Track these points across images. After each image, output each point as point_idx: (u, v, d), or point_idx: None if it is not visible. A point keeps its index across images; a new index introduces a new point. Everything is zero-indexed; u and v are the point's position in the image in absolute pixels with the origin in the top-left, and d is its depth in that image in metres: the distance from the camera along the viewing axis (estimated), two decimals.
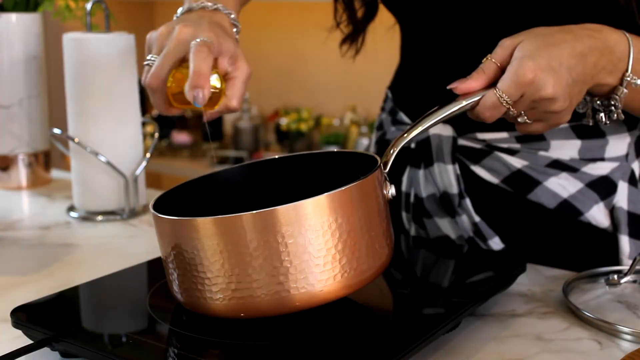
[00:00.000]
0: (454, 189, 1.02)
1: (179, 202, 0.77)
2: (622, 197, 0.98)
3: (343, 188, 0.68)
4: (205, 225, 0.66)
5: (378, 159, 0.74)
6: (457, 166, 1.02)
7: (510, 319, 0.80)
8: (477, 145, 1.00)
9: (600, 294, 0.85)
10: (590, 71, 0.79)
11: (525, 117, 0.80)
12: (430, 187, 1.04)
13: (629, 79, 0.81)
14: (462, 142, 1.01)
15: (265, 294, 0.66)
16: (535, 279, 0.91)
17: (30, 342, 0.70)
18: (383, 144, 1.14)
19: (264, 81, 3.12)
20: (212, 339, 0.68)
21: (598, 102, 0.85)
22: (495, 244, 1.01)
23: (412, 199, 1.07)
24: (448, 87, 0.79)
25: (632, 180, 0.99)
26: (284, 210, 0.65)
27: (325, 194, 0.67)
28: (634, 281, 0.86)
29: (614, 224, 0.98)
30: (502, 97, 0.77)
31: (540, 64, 0.76)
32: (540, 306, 0.83)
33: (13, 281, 0.91)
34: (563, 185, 0.98)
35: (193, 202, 0.79)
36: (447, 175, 1.02)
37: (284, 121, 2.96)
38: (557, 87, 0.76)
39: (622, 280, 0.85)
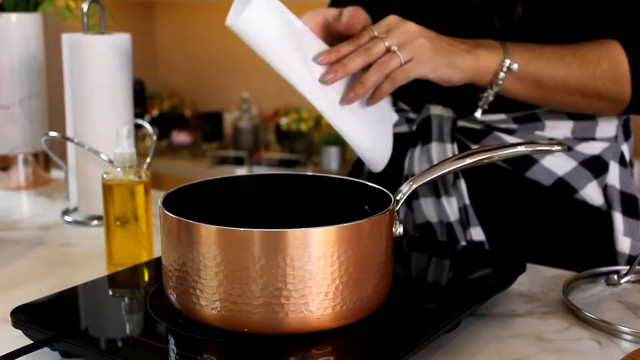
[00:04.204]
0: None
1: (186, 201, 0.77)
2: (613, 176, 1.02)
3: (360, 221, 0.68)
4: (214, 233, 0.66)
5: (392, 196, 0.75)
6: (455, 146, 1.04)
7: (510, 319, 0.80)
8: (477, 126, 1.03)
9: (600, 294, 0.85)
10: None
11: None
12: (424, 164, 1.06)
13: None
14: (462, 123, 1.04)
15: (263, 312, 0.66)
16: (535, 279, 0.91)
17: (30, 342, 0.70)
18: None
19: (263, 81, 3.12)
20: (211, 339, 0.68)
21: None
22: (476, 233, 1.02)
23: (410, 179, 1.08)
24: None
25: (621, 161, 1.04)
26: (297, 234, 0.65)
27: (342, 225, 0.67)
28: (634, 281, 0.86)
29: (607, 202, 1.02)
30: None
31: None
32: (540, 306, 0.83)
33: (13, 281, 0.91)
34: (558, 164, 1.01)
35: (200, 203, 0.79)
36: (444, 154, 1.04)
37: (284, 121, 2.96)
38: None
39: (622, 280, 0.85)
